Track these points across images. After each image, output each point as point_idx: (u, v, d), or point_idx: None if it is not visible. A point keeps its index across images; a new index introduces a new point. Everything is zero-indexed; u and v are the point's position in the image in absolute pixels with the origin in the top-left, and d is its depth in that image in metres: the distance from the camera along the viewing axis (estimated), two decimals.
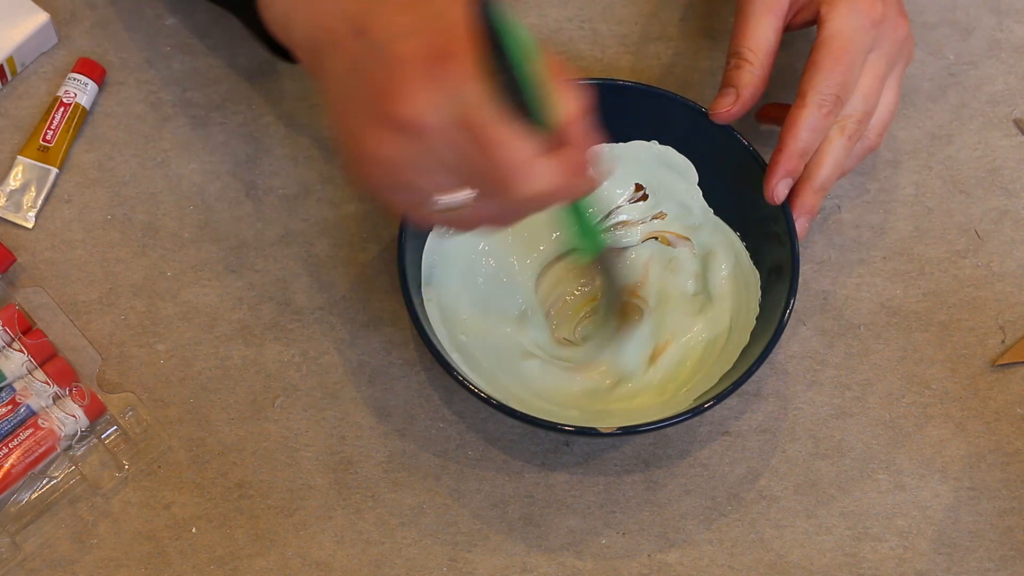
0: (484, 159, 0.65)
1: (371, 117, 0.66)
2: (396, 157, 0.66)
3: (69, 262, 0.85)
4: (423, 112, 0.65)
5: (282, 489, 0.81)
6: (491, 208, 0.68)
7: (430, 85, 0.64)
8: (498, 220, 0.70)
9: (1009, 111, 0.92)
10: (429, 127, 0.65)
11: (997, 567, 0.81)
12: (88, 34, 0.91)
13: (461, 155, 0.66)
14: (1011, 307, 0.87)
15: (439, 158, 0.66)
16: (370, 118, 0.66)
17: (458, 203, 0.68)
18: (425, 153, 0.66)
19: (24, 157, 0.87)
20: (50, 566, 0.79)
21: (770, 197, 0.81)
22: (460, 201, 0.68)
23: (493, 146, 0.65)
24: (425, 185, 0.68)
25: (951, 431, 0.84)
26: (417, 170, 0.67)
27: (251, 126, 0.89)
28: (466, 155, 0.65)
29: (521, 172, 0.65)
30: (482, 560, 0.80)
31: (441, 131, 0.65)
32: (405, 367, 0.84)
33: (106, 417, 0.81)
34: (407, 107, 0.65)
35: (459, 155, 0.66)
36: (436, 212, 0.69)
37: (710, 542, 0.81)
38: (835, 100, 0.80)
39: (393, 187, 0.69)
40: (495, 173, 0.66)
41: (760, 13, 0.82)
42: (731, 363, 0.80)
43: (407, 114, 0.65)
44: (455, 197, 0.68)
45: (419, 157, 0.66)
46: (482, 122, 0.65)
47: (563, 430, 0.77)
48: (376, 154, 0.67)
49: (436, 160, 0.66)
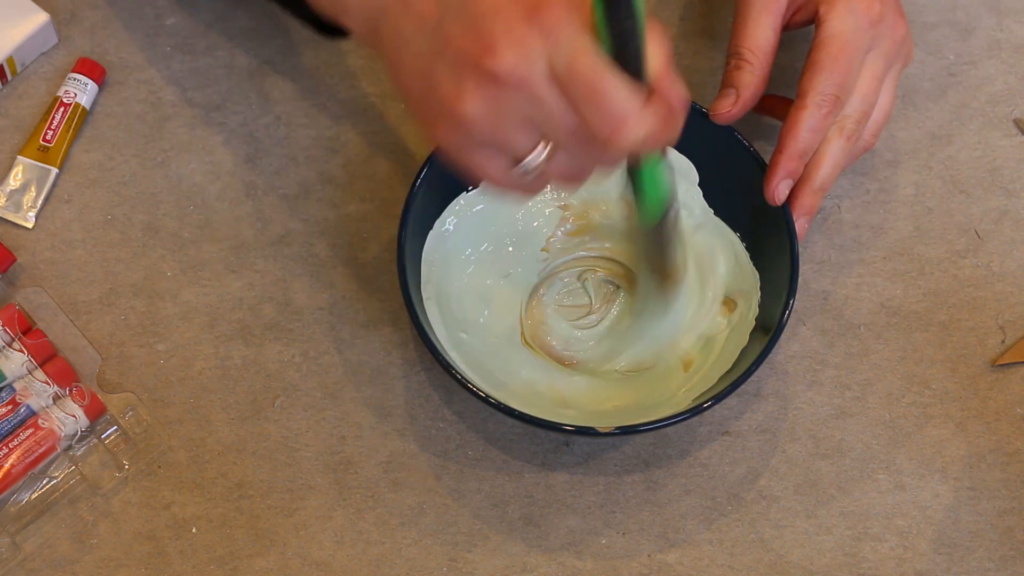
0: (590, 106, 0.63)
1: (461, 72, 0.64)
2: (488, 113, 0.65)
3: (69, 262, 0.85)
4: (523, 63, 0.63)
5: (282, 489, 0.81)
6: (572, 163, 0.67)
7: (530, 34, 0.63)
8: (575, 176, 0.68)
9: (1009, 111, 0.92)
10: (529, 78, 0.63)
11: (997, 567, 0.81)
12: (88, 34, 0.91)
13: (562, 106, 0.64)
14: (1011, 307, 0.87)
15: (534, 111, 0.64)
16: (459, 73, 0.64)
17: (540, 162, 0.67)
18: (522, 105, 0.64)
19: (24, 157, 0.87)
20: (50, 566, 0.79)
21: (771, 198, 0.81)
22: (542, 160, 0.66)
23: (600, 91, 0.63)
24: (513, 142, 0.66)
25: (951, 431, 0.84)
26: (510, 125, 0.65)
27: (251, 126, 0.89)
28: (568, 104, 0.64)
29: (630, 122, 0.64)
30: (482, 560, 0.80)
31: (540, 82, 0.63)
32: (405, 367, 0.84)
33: (106, 417, 0.81)
34: (506, 58, 0.63)
35: (560, 106, 0.64)
36: (517, 173, 0.67)
37: (710, 542, 0.81)
38: (834, 100, 0.80)
39: (479, 145, 0.67)
40: (603, 121, 0.64)
41: (759, 13, 0.82)
42: (731, 363, 0.80)
43: (506, 66, 0.63)
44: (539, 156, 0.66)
45: (515, 110, 0.64)
46: (590, 70, 0.63)
47: (563, 430, 0.77)
48: (468, 110, 0.65)
49: (531, 113, 0.64)
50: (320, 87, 0.90)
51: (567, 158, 0.67)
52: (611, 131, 0.64)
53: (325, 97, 0.90)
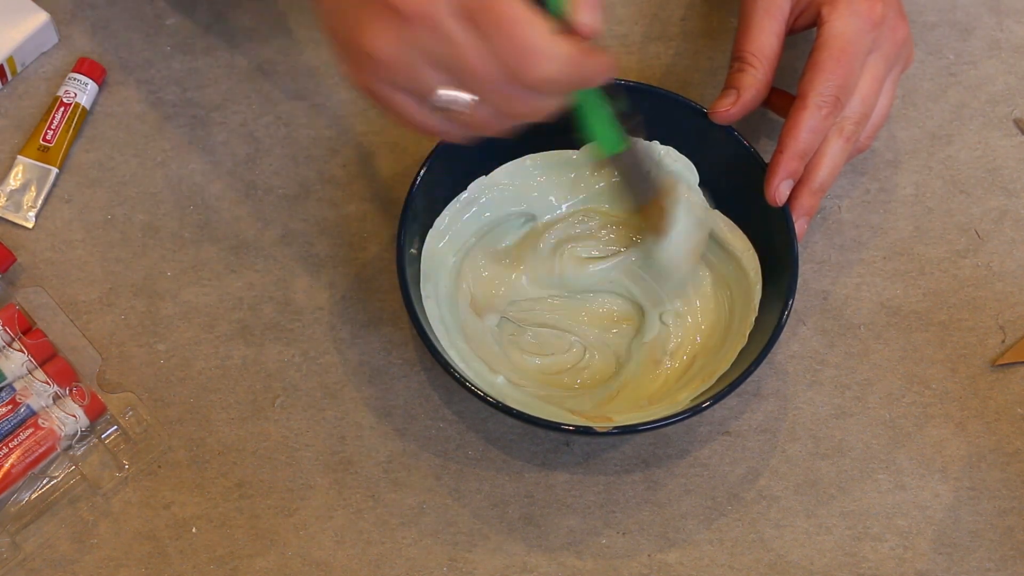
0: (499, 40, 0.63)
1: (368, 10, 0.64)
2: (397, 50, 0.64)
3: (69, 262, 0.85)
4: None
5: (282, 489, 0.81)
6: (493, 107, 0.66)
7: None
8: (499, 121, 0.68)
9: (1009, 111, 0.92)
10: (434, 13, 0.63)
11: (997, 567, 0.81)
12: (88, 34, 0.91)
13: (470, 41, 0.63)
14: (1011, 307, 0.87)
15: (444, 48, 0.64)
16: (367, 12, 0.64)
17: (462, 102, 0.66)
18: (429, 42, 0.64)
19: (24, 157, 0.87)
20: (50, 566, 0.79)
21: (771, 198, 0.81)
22: (464, 100, 0.66)
23: (510, 25, 0.63)
24: (427, 80, 0.65)
25: (951, 431, 0.84)
26: (419, 64, 0.65)
27: (251, 126, 0.89)
28: (477, 39, 0.63)
29: (539, 52, 0.63)
30: (482, 560, 0.80)
31: (447, 17, 0.63)
32: (405, 367, 0.84)
33: (106, 417, 0.81)
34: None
35: (468, 41, 0.63)
36: (437, 113, 0.67)
37: (710, 542, 0.81)
38: (834, 101, 0.80)
39: (393, 85, 0.66)
40: (512, 54, 0.63)
41: (762, 18, 0.82)
42: (730, 363, 0.80)
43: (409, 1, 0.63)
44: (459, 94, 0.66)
45: (422, 47, 0.64)
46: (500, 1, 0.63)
47: (563, 430, 0.77)
48: (376, 49, 0.65)
49: (441, 50, 0.64)
50: (320, 87, 0.90)
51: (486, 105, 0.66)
52: (522, 64, 0.64)
53: (325, 97, 0.90)
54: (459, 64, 0.65)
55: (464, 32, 0.64)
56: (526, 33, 0.63)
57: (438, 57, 0.65)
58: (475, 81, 0.65)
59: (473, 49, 0.64)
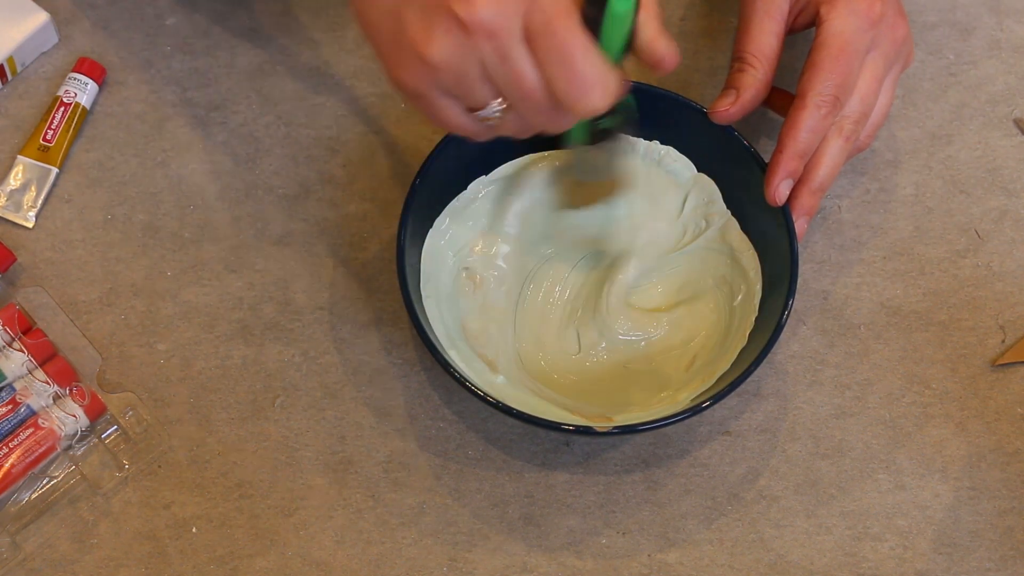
0: (559, 69, 0.64)
1: (433, 16, 0.65)
2: (456, 60, 0.65)
3: (69, 262, 0.85)
4: (499, 16, 0.63)
5: (282, 489, 0.81)
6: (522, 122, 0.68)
7: None
8: (523, 129, 0.70)
9: (1009, 111, 0.92)
10: (501, 31, 0.64)
11: (997, 567, 0.81)
12: (88, 34, 0.91)
13: (529, 65, 0.64)
14: (1011, 307, 0.87)
15: (502, 67, 0.65)
16: (431, 18, 0.65)
17: (498, 110, 0.67)
18: (489, 58, 0.65)
19: (24, 157, 0.87)
20: (50, 566, 0.79)
21: (771, 198, 0.81)
22: (497, 116, 0.68)
23: (571, 57, 0.64)
24: (479, 92, 0.67)
25: (951, 431, 0.84)
26: (474, 75, 0.66)
27: (251, 126, 0.89)
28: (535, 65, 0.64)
29: (594, 86, 0.65)
30: (482, 560, 0.80)
31: (512, 37, 0.64)
32: (405, 367, 0.84)
33: (106, 417, 0.81)
34: (482, 8, 0.63)
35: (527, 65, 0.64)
36: (474, 118, 0.68)
37: (710, 542, 0.81)
38: (834, 101, 0.80)
39: (442, 90, 0.67)
40: (568, 86, 0.65)
41: (761, 19, 0.82)
42: (730, 363, 0.80)
43: (480, 15, 0.63)
44: (494, 110, 0.67)
45: (481, 61, 0.65)
46: (566, 32, 0.64)
47: (563, 430, 0.77)
48: (434, 55, 0.65)
49: (498, 68, 0.65)
50: (320, 87, 0.90)
51: (518, 117, 0.68)
52: (576, 96, 0.65)
53: (325, 97, 0.90)
54: (513, 84, 0.66)
55: (525, 56, 0.65)
56: (584, 66, 0.65)
57: (493, 73, 0.66)
58: (522, 101, 0.67)
59: (531, 74, 0.65)
